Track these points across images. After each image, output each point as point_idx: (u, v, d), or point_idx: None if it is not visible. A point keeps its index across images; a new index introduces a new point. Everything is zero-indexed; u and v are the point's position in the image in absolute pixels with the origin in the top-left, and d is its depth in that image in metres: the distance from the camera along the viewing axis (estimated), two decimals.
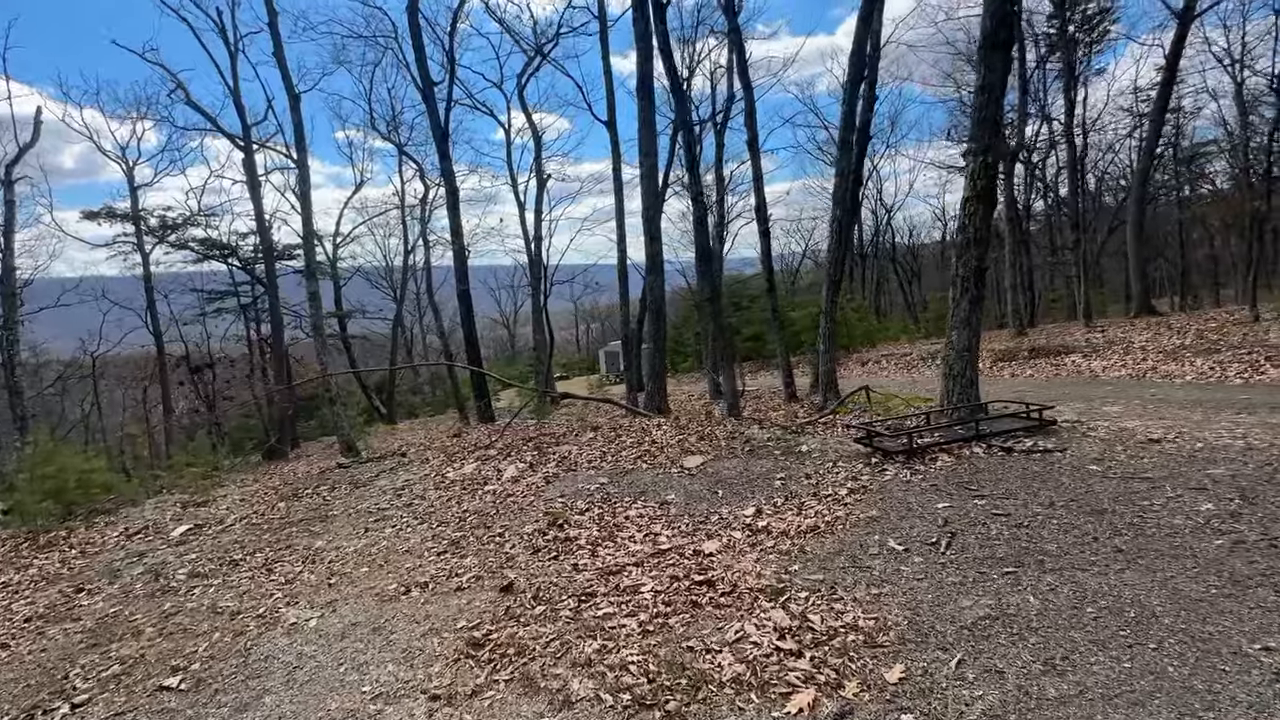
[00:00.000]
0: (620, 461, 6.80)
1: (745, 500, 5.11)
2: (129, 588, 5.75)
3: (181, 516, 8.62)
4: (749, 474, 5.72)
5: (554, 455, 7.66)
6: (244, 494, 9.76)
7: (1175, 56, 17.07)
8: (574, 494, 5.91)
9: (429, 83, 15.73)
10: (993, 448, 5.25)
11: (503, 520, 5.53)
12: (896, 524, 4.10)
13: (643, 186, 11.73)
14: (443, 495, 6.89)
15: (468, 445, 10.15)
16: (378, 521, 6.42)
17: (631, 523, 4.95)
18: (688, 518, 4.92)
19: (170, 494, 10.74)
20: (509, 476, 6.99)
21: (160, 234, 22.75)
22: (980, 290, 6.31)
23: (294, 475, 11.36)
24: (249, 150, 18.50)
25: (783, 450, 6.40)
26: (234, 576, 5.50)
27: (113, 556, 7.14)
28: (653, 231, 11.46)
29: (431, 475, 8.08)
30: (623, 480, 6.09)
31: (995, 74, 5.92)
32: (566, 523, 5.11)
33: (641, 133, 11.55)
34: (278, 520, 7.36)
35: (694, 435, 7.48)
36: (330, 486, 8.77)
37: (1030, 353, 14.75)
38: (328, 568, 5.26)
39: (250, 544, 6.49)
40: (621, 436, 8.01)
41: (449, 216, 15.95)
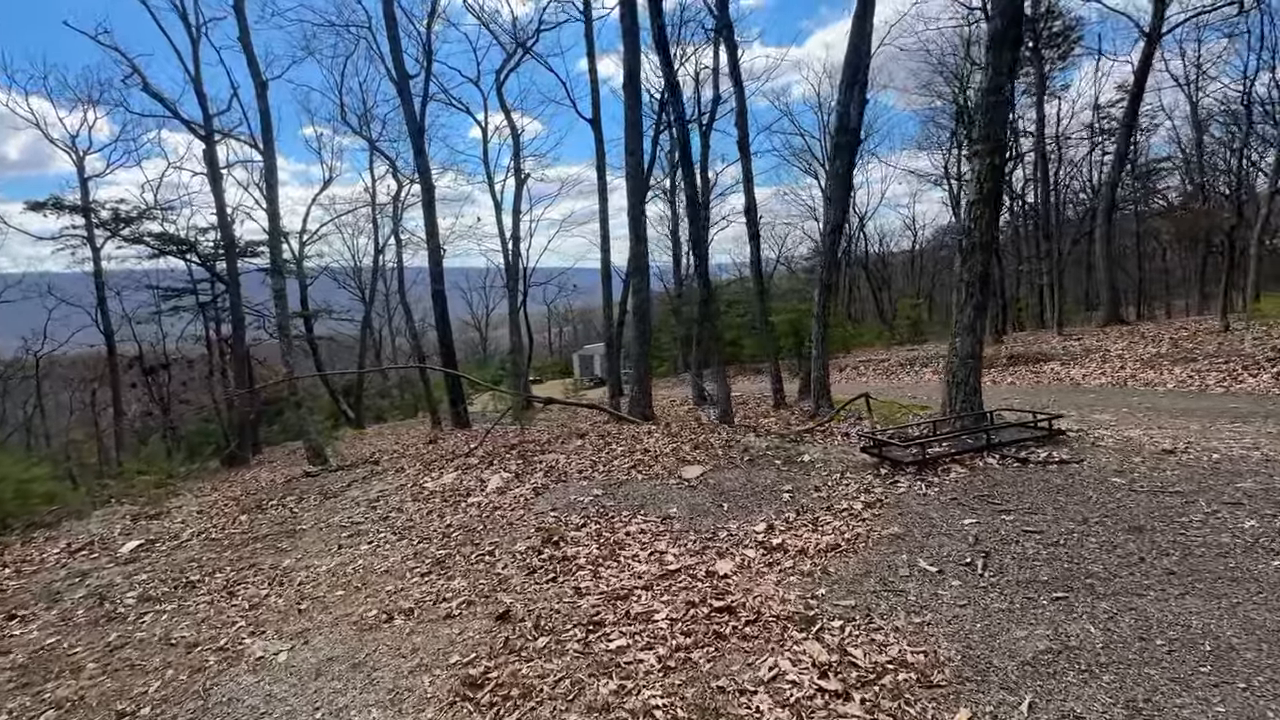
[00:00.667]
0: (613, 471, 6.45)
1: (753, 514, 4.82)
2: (69, 614, 5.17)
3: (132, 530, 7.95)
4: (753, 486, 5.43)
5: (540, 464, 7.27)
6: (202, 505, 9.09)
7: (1144, 72, 17.56)
8: (566, 507, 5.54)
9: (404, 76, 15.17)
10: (1006, 458, 5.07)
11: (491, 536, 5.13)
12: (923, 542, 3.85)
13: (628, 185, 11.42)
14: (422, 508, 6.44)
15: (445, 453, 9.66)
16: (352, 537, 5.94)
17: (633, 539, 4.61)
18: (694, 534, 4.61)
19: (120, 505, 9.97)
20: (494, 487, 6.58)
21: (113, 227, 21.52)
22: (985, 296, 6.17)
23: (257, 484, 10.69)
24: (210, 141, 17.61)
25: (784, 460, 6.14)
26: (190, 600, 4.98)
27: (52, 577, 6.48)
28: (638, 231, 11.16)
29: (408, 485, 7.60)
30: (618, 492, 5.75)
31: (1004, 73, 5.79)
32: (562, 539, 4.74)
33: (628, 131, 11.23)
34: (240, 535, 6.79)
35: (688, 444, 7.17)
36: (297, 497, 8.20)
37: (1009, 360, 14.88)
38: (297, 590, 4.79)
39: (209, 562, 5.94)
40: (611, 444, 7.66)
41: (424, 215, 15.40)
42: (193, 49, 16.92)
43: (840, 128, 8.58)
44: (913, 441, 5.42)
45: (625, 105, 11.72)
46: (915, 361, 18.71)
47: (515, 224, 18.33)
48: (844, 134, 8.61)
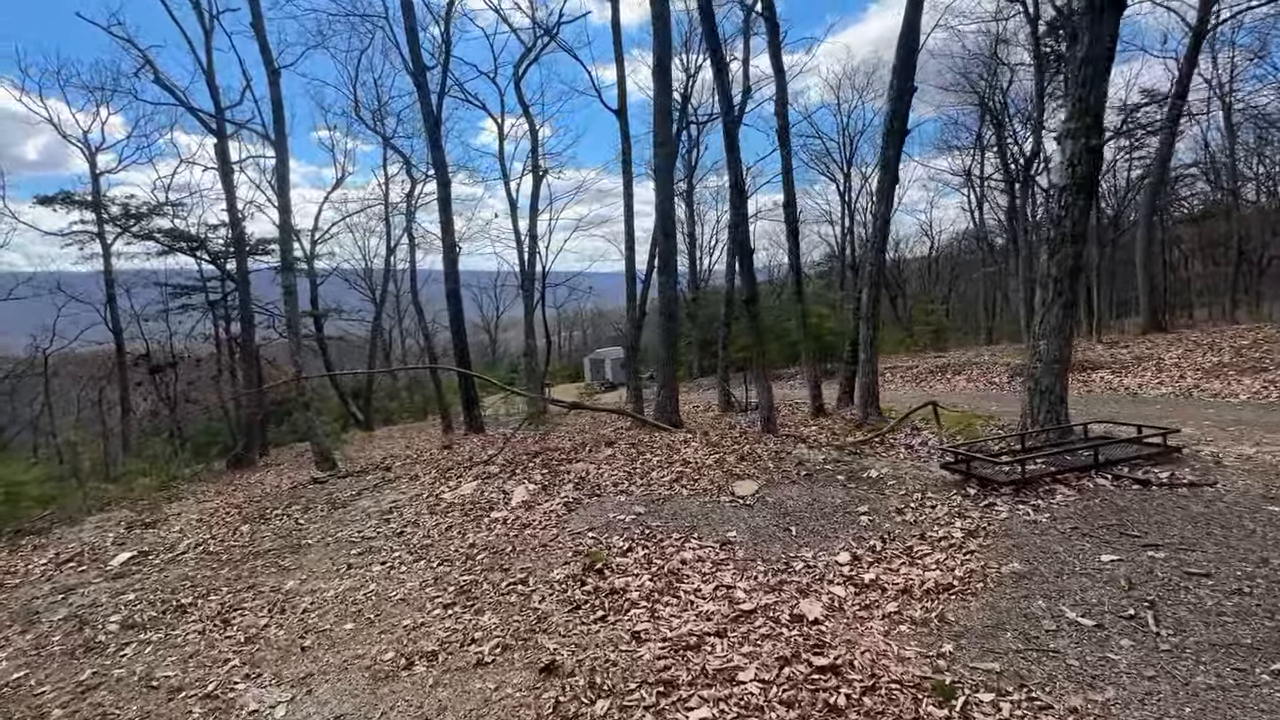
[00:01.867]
0: (653, 485, 5.79)
1: (830, 541, 4.14)
2: (44, 640, 4.56)
3: (125, 540, 7.36)
4: (820, 506, 4.75)
5: (568, 475, 6.62)
6: (202, 513, 8.50)
7: (1189, 69, 16.77)
8: (605, 526, 4.88)
9: (421, 67, 14.65)
10: (1120, 479, 4.37)
11: (522, 560, 4.48)
12: (1058, 584, 3.16)
13: (657, 179, 10.81)
14: (440, 523, 5.80)
15: (462, 459, 9.03)
16: (363, 555, 5.31)
17: (692, 569, 3.94)
18: (762, 564, 3.94)
19: (118, 509, 9.41)
20: (519, 501, 5.93)
21: (123, 223, 21.14)
22: (1075, 294, 5.48)
23: (261, 490, 10.10)
24: (222, 134, 17.16)
25: (847, 475, 5.46)
26: (179, 629, 4.35)
27: (34, 592, 5.89)
28: (667, 228, 10.52)
29: (424, 496, 6.97)
30: (663, 510, 5.08)
31: (1102, 42, 5.12)
32: (607, 567, 4.08)
33: (657, 121, 10.62)
34: (240, 549, 6.18)
35: (732, 455, 6.51)
36: (303, 506, 7.59)
37: None
38: (301, 620, 4.15)
39: (204, 581, 5.32)
40: (645, 454, 7.00)
41: (439, 211, 14.84)
42: (205, 39, 16.50)
43: (892, 114, 7.93)
44: (999, 457, 4.72)
45: (655, 94, 11.10)
46: (947, 368, 17.94)
47: (532, 222, 17.76)
48: (897, 120, 7.96)
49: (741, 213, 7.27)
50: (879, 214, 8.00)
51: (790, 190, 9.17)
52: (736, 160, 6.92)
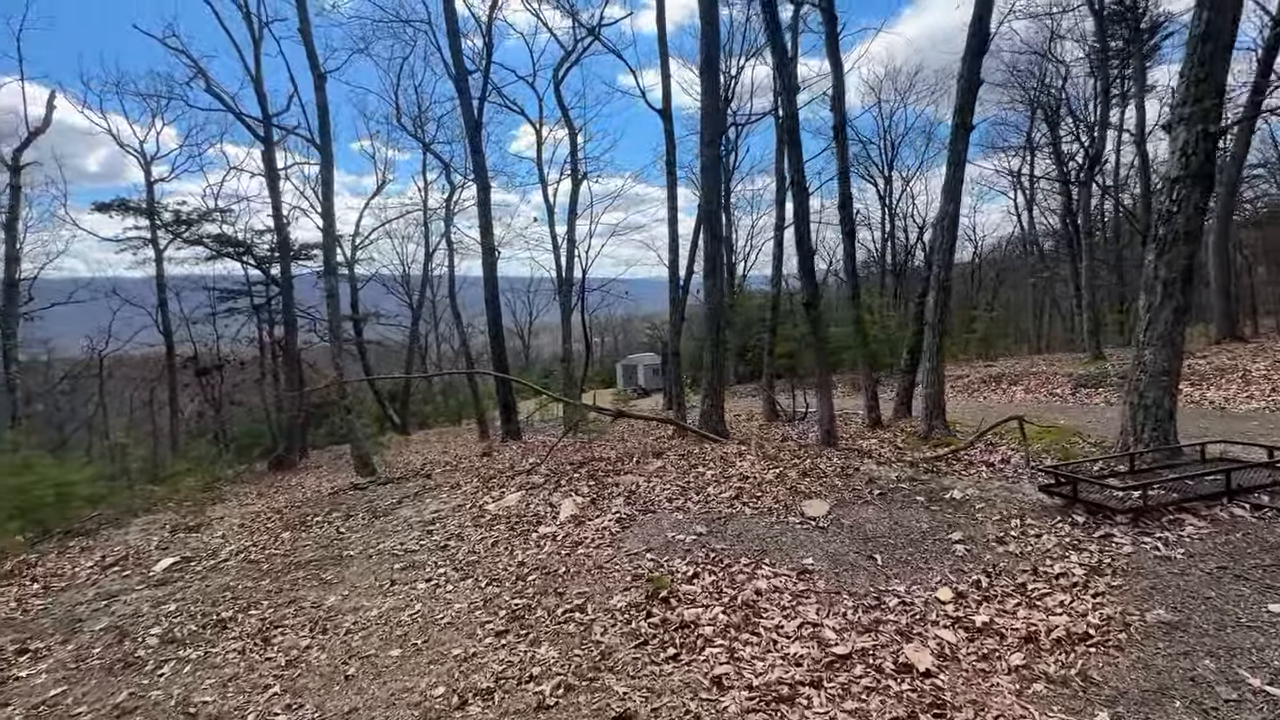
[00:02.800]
0: (711, 502, 5.40)
1: (923, 573, 3.69)
2: (84, 651, 4.41)
3: (168, 544, 7.30)
4: (904, 531, 4.30)
5: (617, 488, 6.28)
6: (244, 517, 8.43)
7: (1270, 58, 15.67)
8: (664, 547, 4.51)
9: (463, 71, 14.63)
10: (1261, 510, 3.81)
11: (578, 583, 4.14)
12: (1223, 639, 2.67)
13: (704, 179, 10.49)
14: (486, 537, 5.51)
15: (503, 468, 8.79)
16: (406, 570, 5.05)
17: (769, 601, 3.54)
18: (849, 597, 3.51)
19: (163, 511, 9.44)
20: (567, 515, 5.61)
21: (175, 229, 21.77)
22: (1188, 298, 4.91)
23: (302, 495, 10.04)
24: (269, 141, 17.48)
25: (927, 496, 4.98)
26: (219, 646, 4.13)
27: (78, 597, 5.81)
28: (714, 228, 10.17)
29: (467, 506, 6.71)
30: (726, 530, 4.69)
31: (1225, 15, 4.57)
32: (673, 595, 3.71)
33: (705, 120, 10.29)
34: (281, 558, 6.00)
35: (793, 470, 6.07)
36: (344, 514, 7.41)
37: (1122, 379, 13.19)
38: (344, 642, 3.88)
39: (245, 593, 5.13)
40: (697, 467, 6.61)
41: (479, 214, 14.78)
42: (254, 47, 16.85)
43: (963, 107, 7.42)
44: (1105, 480, 4.19)
45: (702, 93, 10.76)
46: (1000, 378, 17.08)
47: (571, 226, 17.59)
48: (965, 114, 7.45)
49: (803, 210, 6.84)
50: (946, 213, 7.48)
51: (846, 189, 8.70)
52: (798, 154, 6.51)
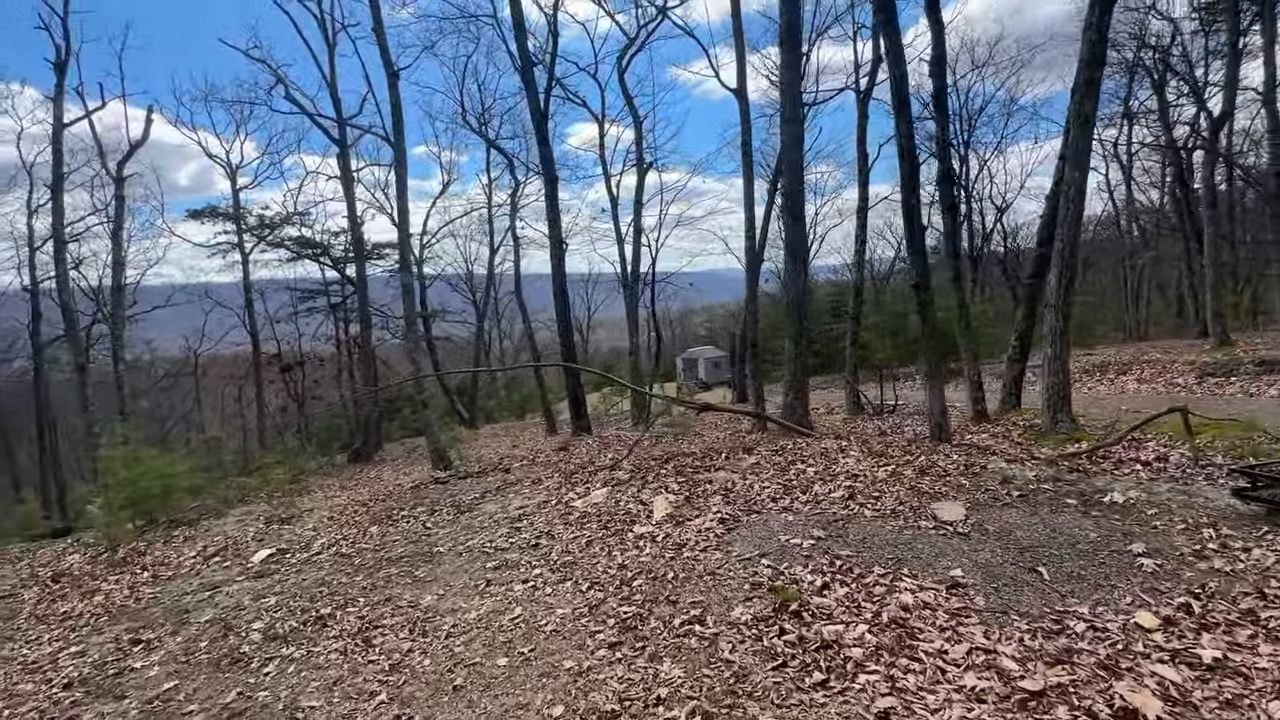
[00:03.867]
0: (821, 502, 4.94)
1: (1107, 592, 3.14)
2: (192, 644, 4.41)
3: (264, 535, 7.45)
4: (1067, 540, 3.72)
5: (710, 486, 5.89)
6: (332, 509, 8.56)
7: None
8: (780, 552, 4.10)
9: (528, 61, 14.52)
10: None
11: (690, 591, 3.79)
12: None
13: (785, 159, 9.93)
14: (578, 536, 5.25)
15: (582, 462, 8.57)
16: (499, 570, 4.84)
17: (920, 619, 3.08)
18: (1020, 619, 3.01)
19: (256, 503, 9.77)
20: (662, 514, 5.27)
21: (259, 232, 22.89)
22: None
23: (384, 488, 10.17)
24: (344, 143, 17.98)
25: (1080, 499, 4.36)
26: (320, 645, 4.02)
27: (184, 586, 5.95)
28: (796, 211, 9.60)
29: (552, 503, 6.49)
30: (848, 535, 4.23)
31: None
32: (805, 608, 3.30)
33: (785, 96, 9.73)
34: (372, 553, 5.95)
35: (907, 467, 5.52)
36: (429, 509, 7.36)
37: (1258, 367, 11.75)
38: (446, 648, 3.68)
39: (340, 588, 5.06)
40: (796, 464, 6.15)
41: (547, 206, 14.65)
42: (329, 52, 17.33)
43: (1091, 59, 6.60)
44: None
45: (782, 67, 10.17)
46: (1106, 367, 15.63)
47: (637, 216, 17.29)
48: (1094, 69, 6.62)
49: (913, 182, 6.22)
50: (1073, 181, 6.67)
51: (946, 160, 7.96)
52: (907, 119, 5.89)
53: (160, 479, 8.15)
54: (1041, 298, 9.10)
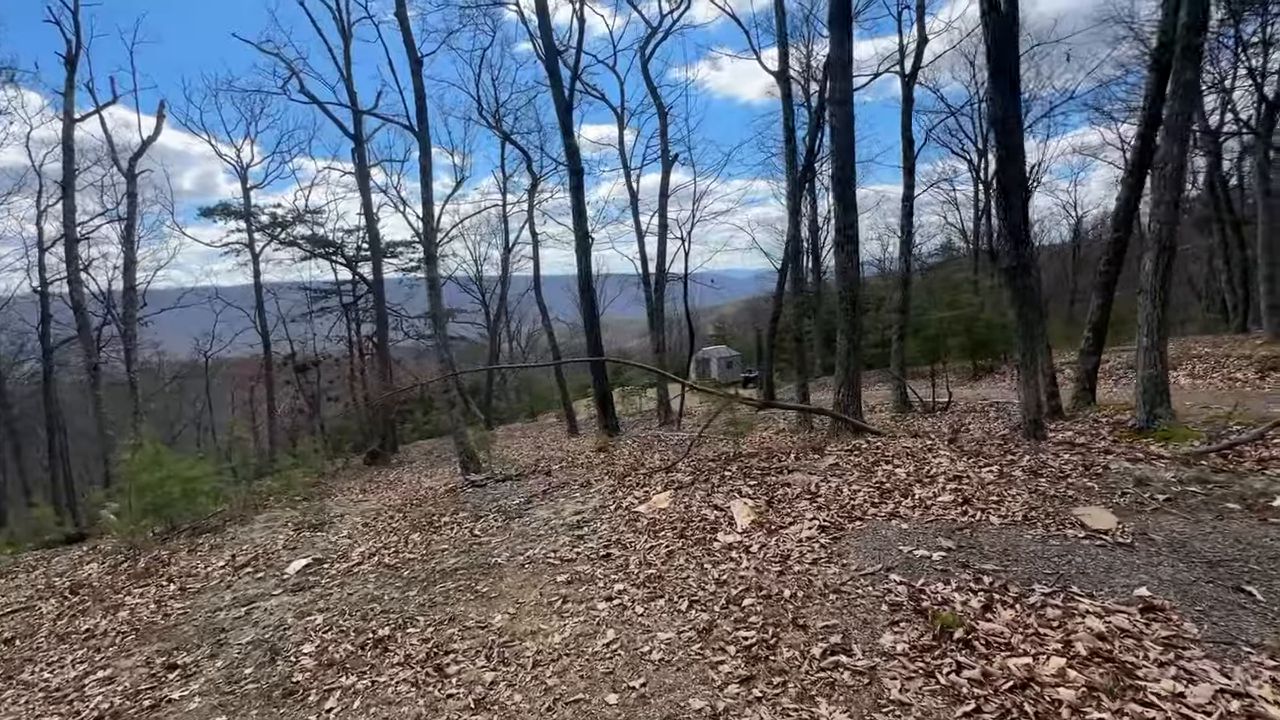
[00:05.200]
0: (931, 508, 4.42)
1: None
2: (235, 671, 3.92)
3: (296, 544, 6.97)
4: (1264, 553, 3.21)
5: (789, 489, 5.38)
6: (364, 515, 8.08)
7: None
8: (906, 565, 3.59)
9: (553, 50, 14.08)
10: None
11: (816, 612, 3.27)
12: None
13: (835, 143, 9.38)
14: (653, 545, 4.75)
15: (630, 464, 8.08)
16: (573, 584, 4.33)
17: (1124, 649, 2.56)
18: (1249, 649, 2.49)
19: (280, 508, 9.29)
20: (748, 522, 4.76)
21: (271, 231, 22.50)
22: None
23: (413, 492, 9.71)
24: (359, 138, 17.56)
25: (1242, 504, 3.84)
26: (385, 675, 3.52)
27: (216, 601, 5.46)
28: (847, 198, 9.07)
29: (611, 508, 5.99)
30: (980, 545, 3.71)
31: None
32: (974, 637, 2.78)
33: (834, 78, 9.23)
34: (420, 564, 5.46)
35: (1015, 468, 5.00)
36: (473, 514, 6.87)
37: None
38: (536, 679, 3.17)
39: (394, 605, 4.56)
40: (880, 464, 5.63)
41: (572, 200, 14.21)
42: (345, 46, 16.91)
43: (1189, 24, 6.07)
44: None
45: (832, 44, 9.70)
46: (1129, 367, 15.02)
47: (662, 210, 16.79)
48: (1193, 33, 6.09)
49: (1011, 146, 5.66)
50: (1170, 156, 6.14)
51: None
52: (1006, 87, 5.37)
53: (183, 483, 7.68)
54: (1115, 286, 8.57)
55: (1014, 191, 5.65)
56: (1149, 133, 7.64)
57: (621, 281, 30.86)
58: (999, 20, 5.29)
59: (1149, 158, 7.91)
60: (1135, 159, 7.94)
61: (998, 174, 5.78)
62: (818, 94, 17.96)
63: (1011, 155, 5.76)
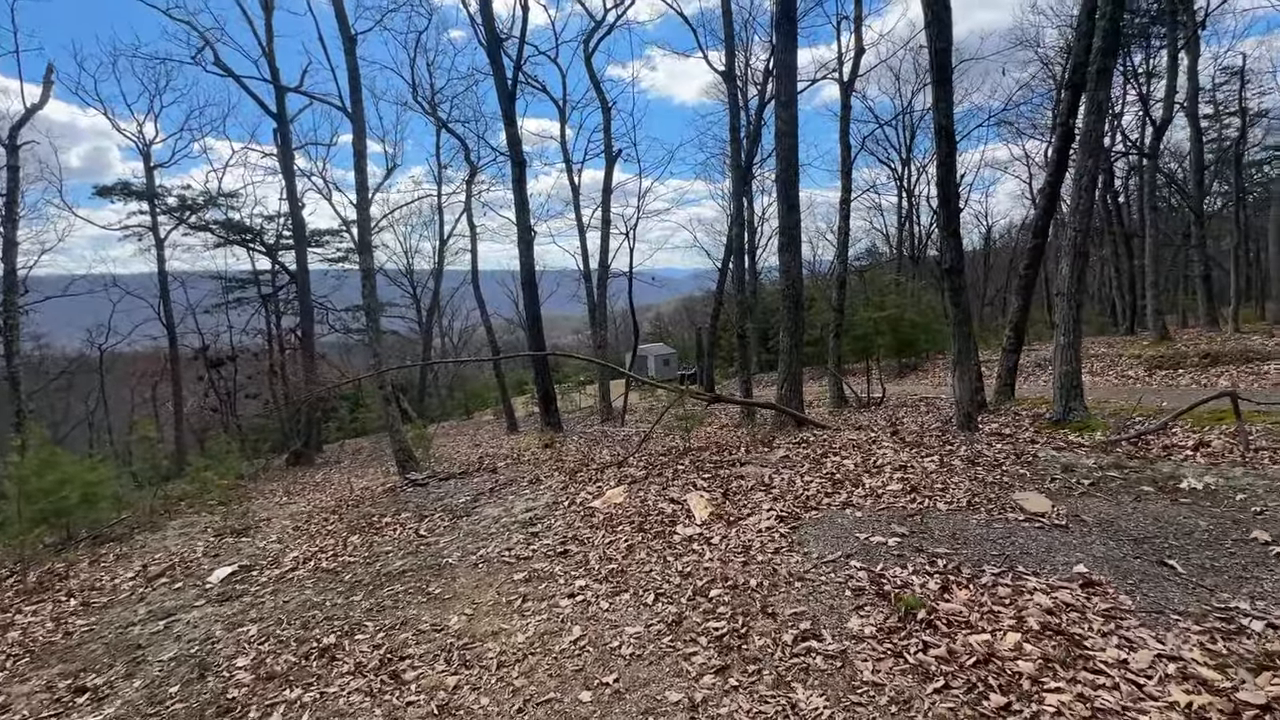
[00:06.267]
0: (881, 497, 4.60)
1: (1254, 584, 2.92)
2: (159, 691, 3.57)
3: (218, 551, 6.44)
4: (1179, 530, 3.52)
5: (743, 481, 5.47)
6: (294, 518, 7.57)
7: None
8: (864, 552, 3.71)
9: (495, 36, 13.68)
10: None
11: (783, 600, 3.32)
12: None
13: (778, 146, 9.62)
14: (612, 540, 4.69)
15: (580, 459, 7.97)
16: (532, 582, 4.22)
17: (1073, 623, 2.74)
18: (1178, 616, 2.72)
19: (195, 514, 8.56)
20: (707, 514, 4.79)
21: (179, 214, 20.71)
22: None
23: (349, 493, 9.19)
24: (282, 117, 16.47)
25: (1155, 487, 4.21)
26: (334, 685, 3.29)
27: (128, 615, 4.96)
28: (791, 199, 9.33)
29: (564, 504, 5.89)
30: (931, 531, 3.89)
31: None
32: (936, 618, 2.90)
33: (780, 79, 9.46)
34: (363, 567, 5.17)
35: (954, 457, 5.28)
36: (416, 514, 6.58)
37: (1204, 359, 12.48)
38: (503, 682, 3.06)
39: (338, 611, 4.29)
40: (830, 456, 5.81)
41: (514, 192, 13.86)
42: (266, 17, 15.80)
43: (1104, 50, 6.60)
44: None
45: (776, 49, 9.93)
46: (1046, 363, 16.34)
47: (605, 205, 16.68)
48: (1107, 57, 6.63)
49: (949, 163, 6.01)
50: (1086, 170, 6.67)
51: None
52: (948, 96, 5.67)
53: (83, 487, 6.93)
54: (1034, 288, 9.23)
55: (952, 198, 5.99)
56: (1065, 146, 8.26)
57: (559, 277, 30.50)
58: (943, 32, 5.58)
59: (1064, 171, 8.57)
60: (1052, 171, 8.57)
61: (940, 182, 6.09)
62: (756, 97, 18.38)
63: (951, 164, 6.09)
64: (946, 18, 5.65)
